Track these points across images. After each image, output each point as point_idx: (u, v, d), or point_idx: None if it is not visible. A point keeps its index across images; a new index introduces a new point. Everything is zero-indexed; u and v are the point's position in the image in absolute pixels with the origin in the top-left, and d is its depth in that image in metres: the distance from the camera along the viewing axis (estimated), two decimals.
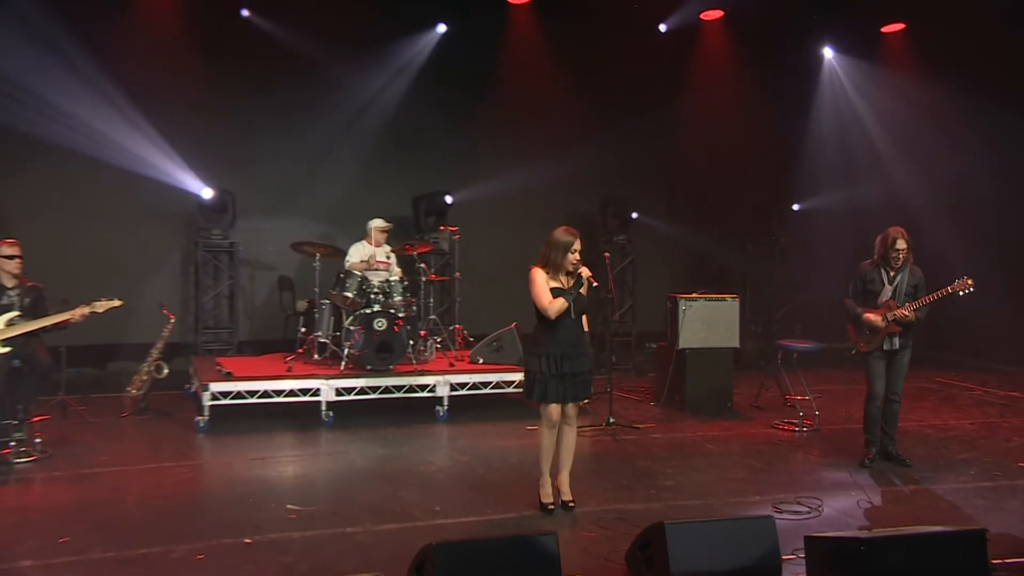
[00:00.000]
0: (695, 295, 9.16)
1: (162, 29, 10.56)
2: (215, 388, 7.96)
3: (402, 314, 8.73)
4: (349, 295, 8.76)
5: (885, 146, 12.41)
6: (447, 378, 8.59)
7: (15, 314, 6.91)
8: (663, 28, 12.43)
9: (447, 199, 11.40)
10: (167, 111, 10.44)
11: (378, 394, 8.39)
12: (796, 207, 12.73)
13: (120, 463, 6.87)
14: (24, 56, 9.61)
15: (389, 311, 8.61)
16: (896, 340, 6.88)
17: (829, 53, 12.90)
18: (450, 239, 10.89)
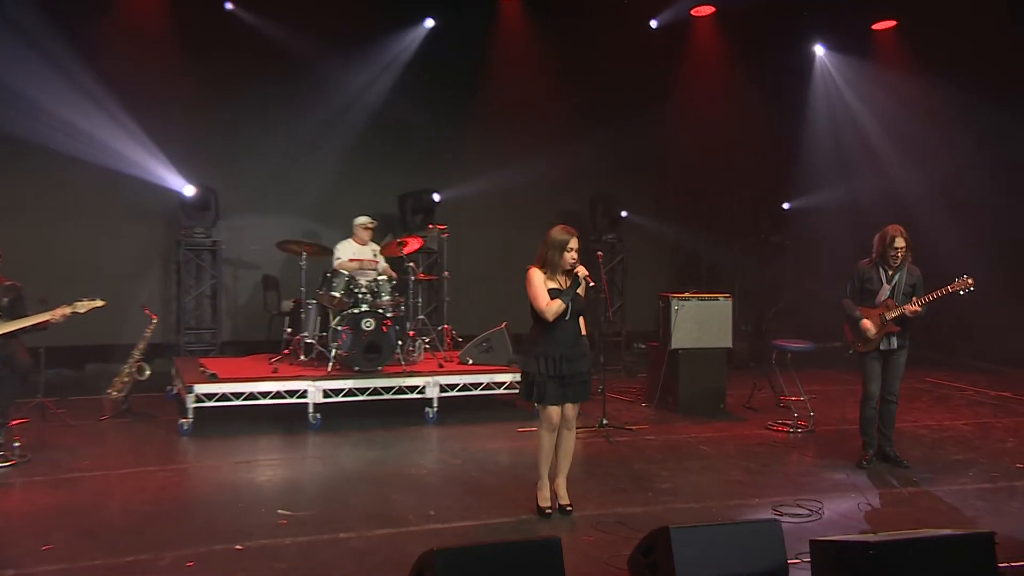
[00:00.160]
0: (688, 294, 9.07)
1: (143, 22, 10.35)
2: (200, 390, 7.79)
3: (390, 314, 8.58)
4: (336, 295, 8.60)
5: (876, 144, 12.39)
6: (437, 379, 8.46)
7: None
8: (654, 24, 12.34)
9: (435, 197, 11.21)
10: (148, 106, 10.22)
11: (366, 396, 8.26)
12: (786, 205, 12.67)
13: (102, 467, 6.68)
14: (2, 51, 9.37)
15: (377, 311, 8.46)
16: (894, 340, 6.81)
17: (820, 50, 12.88)
18: (438, 237, 10.74)
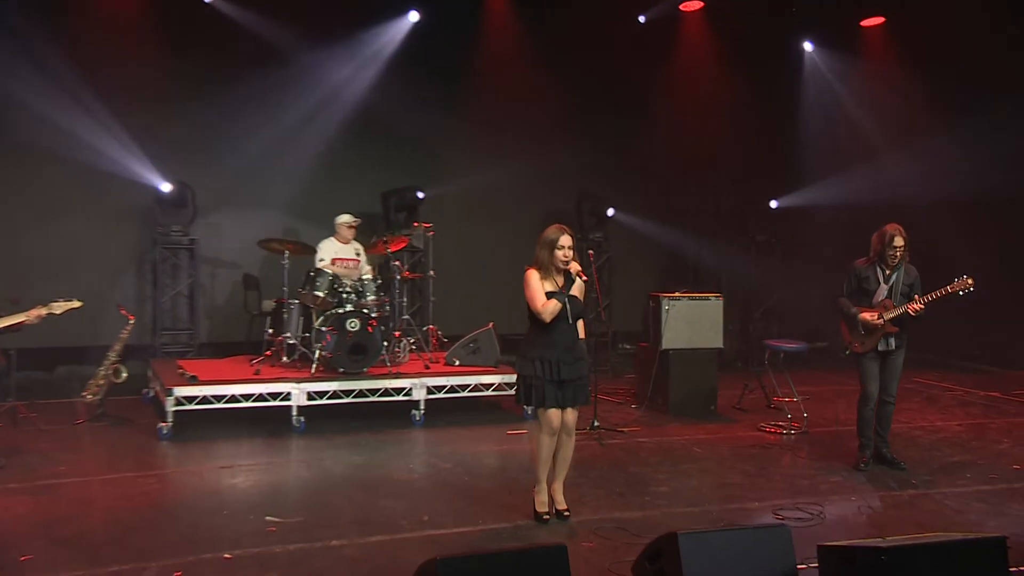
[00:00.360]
0: (678, 294, 8.93)
1: (119, 14, 10.03)
2: (179, 392, 7.54)
3: (375, 314, 8.39)
4: (320, 294, 8.38)
5: (865, 140, 12.37)
6: (423, 381, 8.26)
7: None
8: (642, 19, 12.22)
9: (419, 195, 10.96)
10: (123, 100, 9.91)
11: (351, 398, 8.06)
12: (774, 204, 12.58)
13: (80, 473, 6.43)
14: None
15: (362, 311, 8.27)
16: (892, 340, 6.72)
17: (809, 47, 12.83)
18: (424, 236, 10.54)
